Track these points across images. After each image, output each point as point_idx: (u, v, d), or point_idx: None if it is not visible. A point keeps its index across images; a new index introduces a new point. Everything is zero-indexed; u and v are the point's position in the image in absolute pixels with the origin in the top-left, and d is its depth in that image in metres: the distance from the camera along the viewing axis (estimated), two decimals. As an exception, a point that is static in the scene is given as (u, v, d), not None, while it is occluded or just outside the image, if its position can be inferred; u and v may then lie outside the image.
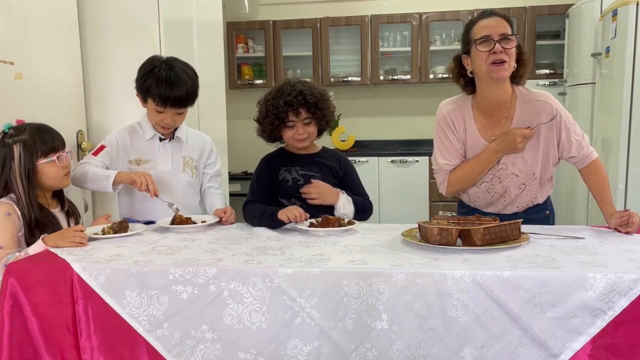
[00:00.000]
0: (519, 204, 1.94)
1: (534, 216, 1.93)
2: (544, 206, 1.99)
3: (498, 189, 1.91)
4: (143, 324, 1.39)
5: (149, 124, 2.08)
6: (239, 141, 4.67)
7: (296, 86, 1.96)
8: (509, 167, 1.88)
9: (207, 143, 2.22)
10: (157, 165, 2.08)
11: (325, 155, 2.11)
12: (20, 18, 2.21)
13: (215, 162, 2.24)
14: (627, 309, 1.25)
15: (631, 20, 3.09)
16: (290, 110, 1.94)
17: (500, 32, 1.76)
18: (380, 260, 1.43)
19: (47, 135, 1.77)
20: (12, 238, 1.67)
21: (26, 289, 1.40)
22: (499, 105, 1.87)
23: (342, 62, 4.79)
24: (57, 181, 1.80)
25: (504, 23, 1.79)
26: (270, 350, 1.36)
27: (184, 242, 1.68)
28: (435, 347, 1.32)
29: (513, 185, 1.89)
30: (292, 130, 1.98)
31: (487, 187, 1.92)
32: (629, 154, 3.19)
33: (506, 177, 1.89)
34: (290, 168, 2.04)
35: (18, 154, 1.71)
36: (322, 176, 2.02)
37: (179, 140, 2.12)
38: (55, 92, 2.42)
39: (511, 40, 1.76)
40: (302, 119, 1.96)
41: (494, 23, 1.78)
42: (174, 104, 1.96)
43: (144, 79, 1.96)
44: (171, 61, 1.99)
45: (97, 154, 2.04)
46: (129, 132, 2.10)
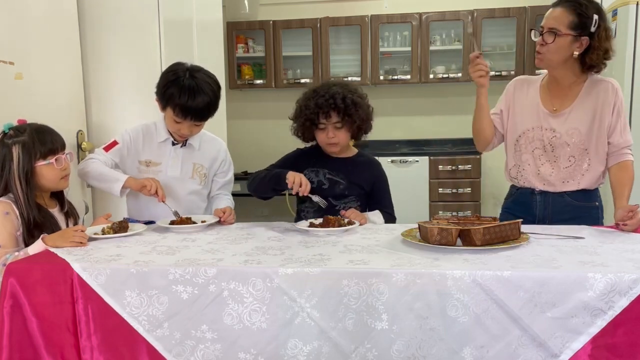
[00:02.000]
0: (565, 178, 1.95)
1: (583, 203, 1.96)
2: (594, 196, 2.00)
3: (549, 157, 1.96)
4: (143, 324, 1.39)
5: (164, 128, 2.06)
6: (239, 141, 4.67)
7: (331, 89, 1.97)
8: (563, 137, 1.94)
9: (221, 151, 2.18)
10: (167, 170, 2.06)
11: (359, 161, 2.11)
12: (20, 18, 2.21)
13: (228, 171, 2.21)
14: (627, 308, 1.25)
15: (631, 20, 3.09)
16: (321, 113, 1.96)
17: (548, 25, 1.88)
18: (380, 260, 1.43)
19: (46, 137, 1.76)
20: (11, 237, 1.67)
21: (26, 289, 1.40)
22: (562, 85, 1.96)
23: (342, 62, 4.79)
24: (54, 183, 1.79)
25: (559, 15, 1.86)
26: (270, 350, 1.36)
27: (184, 242, 1.68)
28: (435, 347, 1.32)
29: (563, 155, 1.94)
30: (324, 133, 2.00)
31: (539, 154, 1.97)
32: (629, 154, 3.18)
33: (558, 146, 1.95)
34: (318, 170, 2.05)
35: (17, 156, 1.70)
36: (347, 184, 2.03)
37: (190, 147, 2.10)
38: (55, 92, 2.42)
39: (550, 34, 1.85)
40: (333, 122, 1.98)
41: (550, 15, 1.90)
42: (193, 117, 1.94)
43: (167, 87, 1.91)
44: (195, 72, 1.94)
45: (108, 149, 2.03)
46: (142, 132, 2.08)
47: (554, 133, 1.95)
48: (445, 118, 4.80)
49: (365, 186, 2.07)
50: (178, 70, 1.93)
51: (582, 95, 1.94)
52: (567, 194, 1.96)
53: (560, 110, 1.96)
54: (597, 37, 1.85)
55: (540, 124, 1.97)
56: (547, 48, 1.88)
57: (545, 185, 1.98)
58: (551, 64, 1.92)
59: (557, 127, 1.95)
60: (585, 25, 1.84)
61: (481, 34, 4.47)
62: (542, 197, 1.99)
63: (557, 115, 1.95)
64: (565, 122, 1.94)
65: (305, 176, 1.99)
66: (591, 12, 1.84)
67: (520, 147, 2.02)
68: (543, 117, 1.97)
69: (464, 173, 4.37)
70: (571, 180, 1.96)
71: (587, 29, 1.84)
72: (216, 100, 1.98)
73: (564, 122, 1.94)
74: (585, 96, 1.93)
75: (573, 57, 1.88)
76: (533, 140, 1.98)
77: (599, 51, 1.86)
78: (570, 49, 1.86)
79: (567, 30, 1.85)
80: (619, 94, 1.92)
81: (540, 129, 1.97)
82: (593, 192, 1.99)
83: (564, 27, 1.85)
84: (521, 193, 2.05)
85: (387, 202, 2.11)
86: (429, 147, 4.69)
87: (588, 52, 1.87)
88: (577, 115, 1.93)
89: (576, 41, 1.85)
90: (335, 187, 2.04)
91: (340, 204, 2.03)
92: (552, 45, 1.87)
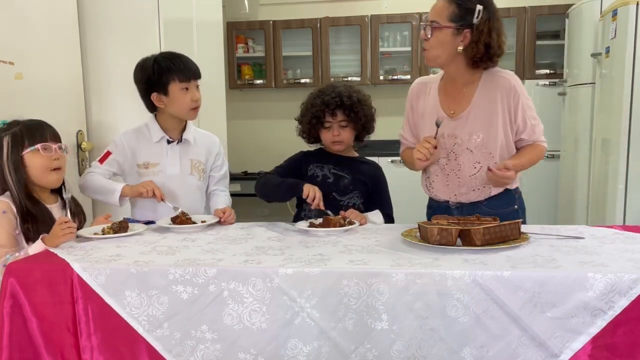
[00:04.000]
0: (475, 186, 1.87)
1: (500, 210, 1.85)
2: (511, 199, 1.92)
3: (453, 166, 1.88)
4: (143, 324, 1.39)
5: (157, 127, 2.07)
6: (239, 141, 4.68)
7: (337, 88, 2.01)
8: (464, 142, 1.84)
9: (215, 145, 2.20)
10: (166, 169, 2.07)
11: (361, 161, 2.16)
12: (20, 18, 2.21)
13: (222, 165, 2.22)
14: (627, 308, 1.26)
15: (631, 20, 3.09)
16: (327, 110, 1.99)
17: (430, 18, 1.78)
18: (380, 260, 1.43)
19: (36, 128, 1.76)
20: (9, 237, 1.66)
21: (26, 289, 1.40)
22: (458, 82, 1.87)
23: (342, 62, 4.79)
24: (43, 173, 1.74)
25: (441, 6, 1.76)
26: (270, 351, 1.36)
27: (184, 242, 1.68)
28: (436, 347, 1.32)
29: (468, 162, 1.85)
30: (329, 132, 2.03)
31: (444, 163, 1.90)
32: (629, 154, 3.18)
33: (461, 153, 1.85)
34: (323, 165, 2.08)
35: (6, 146, 1.70)
36: (352, 179, 2.06)
37: (186, 143, 2.11)
38: (55, 92, 2.42)
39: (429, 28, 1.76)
40: (338, 120, 2.01)
41: (433, 7, 1.80)
42: (194, 75, 2.02)
43: (157, 73, 1.97)
44: (161, 53, 2.07)
45: (102, 161, 2.06)
46: (136, 135, 2.08)
47: (455, 139, 1.85)
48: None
49: (368, 183, 2.09)
50: (150, 59, 2.02)
51: (478, 95, 1.83)
52: (482, 203, 1.88)
53: (458, 114, 1.84)
54: (477, 29, 1.72)
55: (442, 131, 1.82)
56: (430, 43, 1.77)
57: (457, 197, 1.90)
58: (438, 60, 1.80)
59: (458, 132, 1.84)
60: (466, 17, 1.72)
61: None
62: (459, 211, 1.91)
63: (456, 119, 1.85)
64: (465, 126, 1.83)
65: (309, 171, 2.01)
66: (473, 3, 1.71)
67: None
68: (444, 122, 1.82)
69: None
70: (481, 187, 1.86)
71: (469, 20, 1.72)
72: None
73: (463, 126, 1.83)
74: (481, 96, 1.83)
75: (459, 53, 1.76)
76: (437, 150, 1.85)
77: (480, 44, 1.73)
78: (454, 43, 1.74)
79: (446, 23, 1.73)
80: (518, 89, 1.80)
81: (442, 136, 1.84)
82: (509, 196, 1.91)
83: (444, 19, 1.73)
84: (438, 207, 1.98)
85: (387, 203, 2.13)
86: (429, 147, 4.68)
87: (469, 46, 1.75)
88: (475, 117, 1.82)
89: (459, 34, 1.74)
90: (340, 182, 2.06)
91: (344, 199, 2.04)
92: (433, 39, 1.76)
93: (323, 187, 1.97)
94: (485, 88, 1.84)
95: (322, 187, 1.97)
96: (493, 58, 1.80)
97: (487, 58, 1.79)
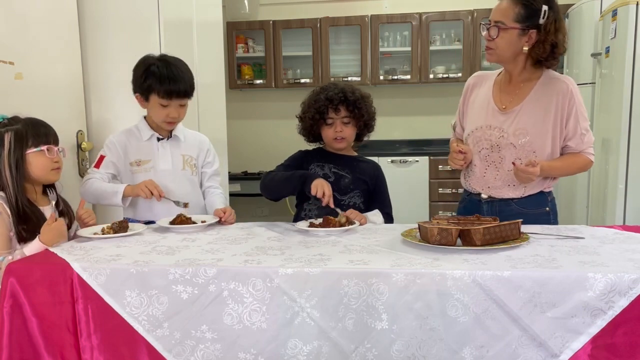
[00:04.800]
0: (511, 182, 1.87)
1: (532, 210, 1.87)
2: (543, 201, 1.92)
3: (494, 158, 1.88)
4: (143, 324, 1.39)
5: (146, 126, 2.10)
6: (239, 141, 4.68)
7: (339, 85, 2.04)
8: (509, 137, 1.85)
9: (205, 142, 2.22)
10: (158, 165, 2.09)
11: (361, 160, 2.16)
12: (20, 18, 2.21)
13: (214, 162, 2.24)
14: (627, 308, 1.25)
15: (631, 20, 3.09)
16: (330, 106, 2.00)
17: (494, 19, 1.81)
18: (380, 260, 1.43)
19: (40, 128, 1.76)
20: (3, 238, 1.65)
21: (26, 289, 1.40)
22: (515, 82, 1.90)
23: (342, 62, 4.79)
24: (45, 173, 1.76)
25: (506, 7, 1.79)
26: (270, 350, 1.36)
27: (184, 242, 1.68)
28: (435, 347, 1.32)
29: (509, 157, 1.85)
30: (331, 129, 2.03)
31: (486, 154, 1.90)
32: (629, 154, 3.18)
33: (505, 147, 1.86)
34: (324, 164, 2.08)
35: (8, 143, 1.69)
36: (353, 178, 2.06)
37: (177, 139, 2.13)
38: (55, 92, 2.42)
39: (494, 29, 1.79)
40: (342, 116, 2.02)
41: (497, 8, 1.83)
42: (178, 95, 1.99)
43: (144, 77, 1.98)
44: (164, 57, 2.03)
45: (98, 165, 2.07)
46: (126, 135, 2.11)
47: (502, 132, 1.86)
48: (445, 118, 4.76)
49: (369, 182, 2.09)
50: (148, 60, 2.02)
51: (533, 94, 1.85)
52: (513, 201, 1.89)
53: (509, 108, 1.87)
54: (544, 29, 1.76)
55: (489, 122, 1.88)
56: (495, 43, 1.81)
57: (489, 190, 1.91)
58: (501, 59, 1.85)
59: (505, 126, 1.86)
60: (533, 17, 1.75)
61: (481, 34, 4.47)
62: (489, 206, 1.92)
63: (506, 113, 1.87)
64: (514, 122, 1.85)
65: (311, 170, 2.02)
66: (539, 3, 1.75)
67: (470, 146, 1.93)
68: (492, 114, 1.89)
69: (464, 173, 4.37)
70: (514, 184, 1.86)
71: (535, 21, 1.75)
72: (192, 78, 2.05)
73: (512, 121, 1.85)
74: (537, 95, 1.85)
75: (524, 53, 1.80)
76: (480, 140, 1.90)
77: (546, 44, 1.77)
78: (519, 43, 1.78)
79: (512, 24, 1.77)
80: (575, 96, 1.83)
81: (489, 127, 1.88)
82: (542, 198, 1.91)
83: (509, 20, 1.77)
84: (470, 200, 1.99)
85: (387, 202, 2.13)
86: (429, 147, 4.69)
87: (535, 46, 1.78)
88: (526, 114, 1.84)
89: (524, 35, 1.77)
90: (341, 181, 2.06)
91: (345, 198, 2.04)
92: (499, 40, 1.79)
93: None
94: (542, 88, 1.86)
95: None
96: (557, 57, 1.83)
97: (552, 57, 1.82)
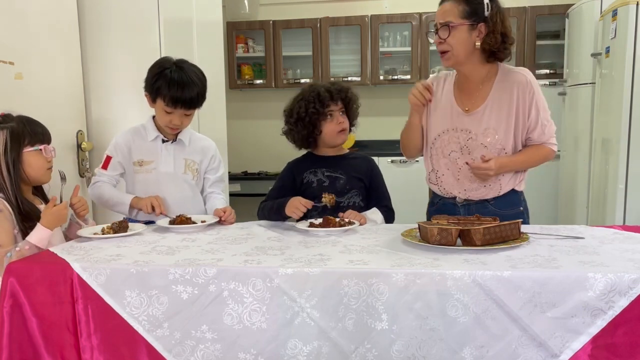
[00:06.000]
0: (486, 182, 1.88)
1: (507, 211, 1.88)
2: (517, 201, 1.94)
3: (466, 160, 1.88)
4: (143, 324, 1.39)
5: (153, 126, 2.09)
6: (239, 141, 4.67)
7: (319, 83, 2.06)
8: (479, 137, 1.86)
9: (211, 148, 2.21)
10: (159, 166, 2.09)
11: (353, 157, 2.13)
12: (20, 18, 2.21)
13: (218, 168, 2.22)
14: (627, 308, 1.26)
15: (631, 20, 3.09)
16: (330, 98, 1.99)
17: (440, 20, 1.81)
18: (380, 260, 1.43)
19: (36, 127, 1.76)
20: (8, 235, 1.65)
21: (26, 288, 1.40)
22: (474, 81, 1.89)
23: (342, 62, 4.79)
24: (40, 173, 1.76)
25: (449, 8, 1.79)
26: (270, 350, 1.36)
27: (183, 242, 1.68)
28: (435, 347, 1.32)
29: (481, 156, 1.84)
30: (333, 121, 2.01)
31: (456, 157, 1.90)
32: (629, 154, 3.18)
33: (475, 148, 1.87)
34: (316, 170, 2.05)
35: (4, 141, 1.69)
36: (347, 178, 2.04)
37: (181, 143, 2.12)
38: (55, 92, 2.42)
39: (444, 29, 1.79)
40: (340, 107, 2.02)
41: (440, 10, 1.83)
42: (183, 105, 1.97)
43: (155, 79, 1.97)
44: (181, 63, 2.01)
45: (106, 166, 2.09)
46: (132, 134, 2.11)
47: (469, 134, 1.87)
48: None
49: (364, 179, 2.07)
50: (165, 63, 2.00)
51: (494, 92, 1.86)
52: (489, 202, 1.90)
53: (472, 110, 1.87)
54: (491, 20, 1.78)
55: (455, 125, 1.89)
56: (448, 44, 1.80)
57: (465, 192, 1.92)
58: (458, 60, 1.83)
59: (472, 128, 1.86)
60: (478, 11, 1.77)
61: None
62: (465, 209, 1.93)
63: (470, 114, 1.87)
64: (480, 122, 1.86)
65: (304, 179, 2.00)
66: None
67: (437, 150, 1.94)
68: (457, 117, 1.89)
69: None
70: (492, 183, 1.88)
71: (481, 14, 1.77)
72: (204, 89, 2.03)
73: (478, 121, 1.86)
74: (498, 92, 1.86)
75: (477, 49, 1.81)
76: (449, 143, 1.90)
77: (496, 34, 1.78)
78: (471, 39, 1.79)
79: (460, 21, 1.77)
80: (533, 86, 1.84)
81: (455, 130, 1.89)
82: (516, 198, 1.93)
83: (456, 18, 1.78)
84: (444, 204, 1.99)
85: (385, 195, 2.12)
86: (429, 147, 4.68)
87: (486, 38, 1.79)
88: (490, 113, 1.85)
89: (473, 30, 1.78)
90: (336, 183, 2.04)
91: (343, 199, 2.03)
92: (451, 39, 1.79)
93: (320, 192, 1.96)
94: (502, 84, 1.86)
95: (319, 191, 1.97)
96: (508, 47, 1.84)
97: (504, 48, 1.83)
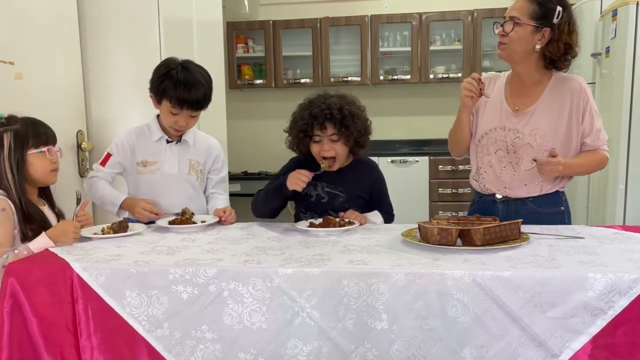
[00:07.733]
0: (528, 181, 1.89)
1: (547, 210, 1.90)
2: (558, 200, 1.94)
3: (511, 158, 1.90)
4: (143, 324, 1.39)
5: (157, 126, 2.08)
6: (239, 141, 4.67)
7: (328, 100, 1.90)
8: (525, 137, 1.87)
9: (215, 148, 2.20)
10: (163, 167, 2.08)
11: (357, 167, 2.04)
12: (20, 18, 2.21)
13: (221, 169, 2.22)
14: (627, 308, 1.26)
15: (631, 20, 3.09)
16: (316, 124, 1.89)
17: (509, 14, 1.84)
18: (380, 260, 1.43)
19: (39, 128, 1.76)
20: (8, 235, 1.65)
21: (26, 288, 1.40)
22: (527, 82, 1.90)
23: (342, 62, 4.79)
24: (45, 175, 1.76)
25: (521, 5, 1.82)
26: (270, 350, 1.36)
27: (183, 242, 1.68)
28: (435, 347, 1.32)
29: (526, 157, 1.87)
30: (319, 146, 1.93)
31: (502, 155, 1.91)
32: (629, 154, 3.19)
33: (521, 147, 1.88)
34: (316, 183, 1.97)
35: (8, 143, 1.69)
36: (347, 197, 1.99)
37: (185, 143, 2.11)
38: (55, 92, 2.42)
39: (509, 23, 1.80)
40: (329, 134, 1.90)
41: (513, 5, 1.85)
42: (190, 106, 1.96)
43: (161, 80, 1.95)
44: (187, 64, 1.99)
45: (104, 163, 2.08)
46: (136, 134, 2.10)
47: (517, 134, 1.88)
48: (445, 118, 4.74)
49: (364, 195, 2.03)
50: (171, 64, 1.98)
51: (546, 94, 1.87)
52: (529, 200, 1.90)
53: (522, 110, 1.89)
54: (558, 29, 1.79)
55: (503, 123, 1.90)
56: (509, 38, 1.82)
57: (505, 190, 1.92)
58: (514, 55, 1.85)
59: (520, 128, 1.88)
60: (547, 16, 1.78)
61: (481, 34, 4.48)
62: (504, 206, 1.93)
63: (520, 114, 1.89)
64: (529, 122, 1.87)
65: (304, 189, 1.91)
66: (554, 4, 1.78)
67: (483, 148, 1.95)
68: (506, 116, 1.90)
69: (464, 173, 4.36)
70: (531, 183, 1.89)
71: (549, 20, 1.78)
72: (210, 91, 2.02)
73: (527, 122, 1.87)
74: (549, 95, 1.87)
75: (536, 52, 1.82)
76: (495, 141, 1.91)
77: (560, 43, 1.79)
78: (532, 40, 1.80)
79: (527, 20, 1.79)
80: (587, 93, 1.86)
81: (503, 129, 1.90)
82: (557, 197, 1.92)
83: (524, 16, 1.79)
84: (483, 202, 1.99)
85: (387, 202, 2.10)
86: (429, 147, 4.68)
87: (549, 45, 1.81)
88: (540, 115, 1.86)
89: (537, 32, 1.79)
90: (335, 201, 1.99)
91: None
92: (513, 34, 1.80)
93: (318, 208, 1.95)
94: (555, 89, 1.88)
95: (316, 207, 1.96)
96: (569, 59, 1.85)
97: (565, 59, 1.84)
